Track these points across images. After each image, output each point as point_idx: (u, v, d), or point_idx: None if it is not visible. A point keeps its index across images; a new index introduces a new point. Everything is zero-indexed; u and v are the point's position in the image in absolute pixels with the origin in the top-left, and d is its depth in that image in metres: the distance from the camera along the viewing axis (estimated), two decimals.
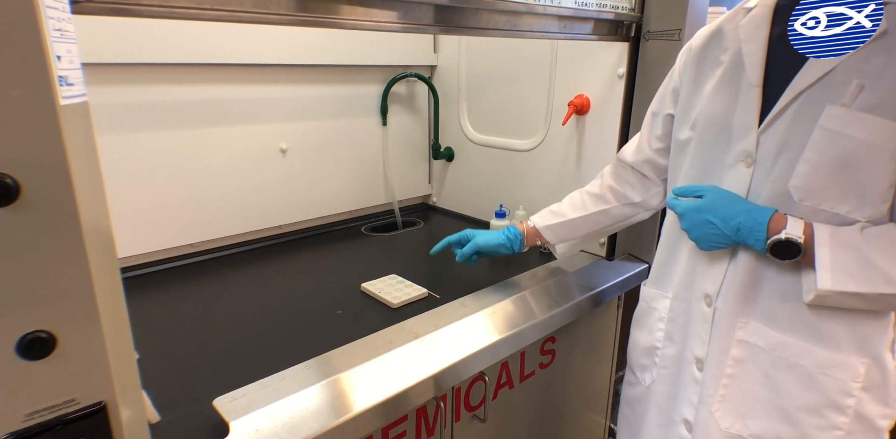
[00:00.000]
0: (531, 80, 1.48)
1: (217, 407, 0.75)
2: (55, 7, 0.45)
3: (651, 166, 1.06)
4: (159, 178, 1.27)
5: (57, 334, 0.49)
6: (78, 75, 0.48)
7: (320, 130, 1.54)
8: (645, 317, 1.02)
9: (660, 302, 0.98)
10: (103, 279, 0.51)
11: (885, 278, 0.69)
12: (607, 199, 1.12)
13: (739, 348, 0.84)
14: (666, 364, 0.96)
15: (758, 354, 0.82)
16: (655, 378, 0.98)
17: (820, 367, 0.77)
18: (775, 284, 0.80)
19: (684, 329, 0.92)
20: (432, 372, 0.88)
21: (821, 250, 0.72)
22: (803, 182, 0.74)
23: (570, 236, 1.17)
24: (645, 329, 1.01)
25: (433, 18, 0.93)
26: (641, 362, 1.02)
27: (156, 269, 1.31)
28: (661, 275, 0.99)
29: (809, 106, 0.73)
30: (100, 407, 0.53)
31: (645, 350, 1.01)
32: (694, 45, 0.93)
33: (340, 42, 1.48)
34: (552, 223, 1.16)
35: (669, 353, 0.95)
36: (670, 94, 0.98)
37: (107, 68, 1.14)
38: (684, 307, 0.92)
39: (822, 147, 0.72)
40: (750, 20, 0.82)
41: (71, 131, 0.46)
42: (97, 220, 0.50)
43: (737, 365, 0.84)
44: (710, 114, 0.86)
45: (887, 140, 0.68)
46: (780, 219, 0.75)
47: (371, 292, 1.16)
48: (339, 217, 1.68)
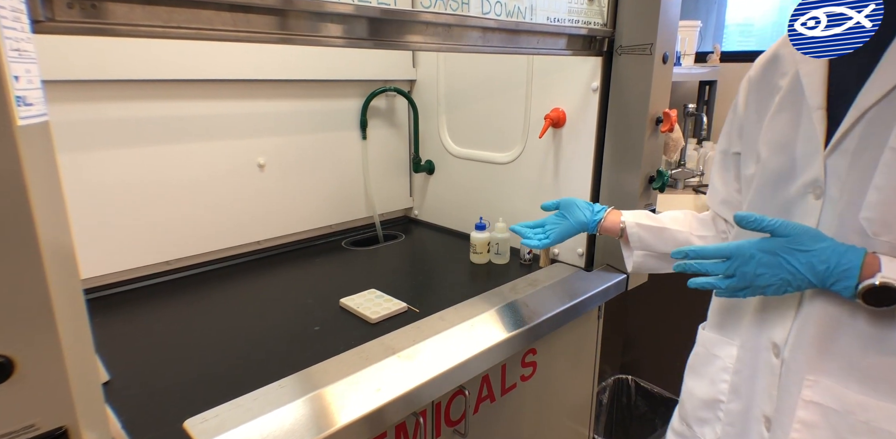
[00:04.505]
0: (508, 93, 1.50)
1: (188, 428, 0.74)
2: (13, 27, 0.45)
3: (730, 208, 0.92)
4: (135, 195, 1.25)
5: (15, 358, 0.48)
6: (38, 95, 0.48)
7: (299, 145, 1.54)
8: (704, 365, 0.89)
9: (723, 349, 0.85)
10: (64, 300, 0.50)
11: None
12: (709, 226, 0.98)
13: (807, 410, 0.71)
14: (731, 420, 0.84)
15: (831, 417, 0.70)
16: (720, 435, 0.86)
17: None
18: (856, 334, 0.68)
19: (751, 382, 0.80)
20: (410, 388, 0.87)
21: None
22: (877, 213, 0.64)
23: (655, 247, 0.99)
24: (706, 379, 0.88)
25: (407, 36, 0.94)
26: (701, 415, 0.89)
27: (131, 288, 1.29)
28: (726, 318, 0.86)
29: (877, 125, 0.64)
30: (61, 432, 0.52)
31: (705, 402, 0.88)
32: (752, 76, 0.84)
33: (319, 57, 1.49)
34: (645, 223, 0.99)
35: (735, 409, 0.83)
36: (735, 130, 0.87)
37: (82, 85, 1.13)
38: (752, 357, 0.80)
39: (893, 171, 0.62)
40: None
41: (29, 151, 0.45)
42: (57, 240, 0.49)
43: (806, 429, 0.72)
44: (771, 144, 0.76)
45: None
46: (873, 261, 0.63)
47: (350, 307, 1.15)
48: (319, 231, 1.68)
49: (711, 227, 0.98)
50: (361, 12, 0.83)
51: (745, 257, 0.70)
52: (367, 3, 0.84)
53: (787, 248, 0.68)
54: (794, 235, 0.68)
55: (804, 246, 0.67)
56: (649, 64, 1.22)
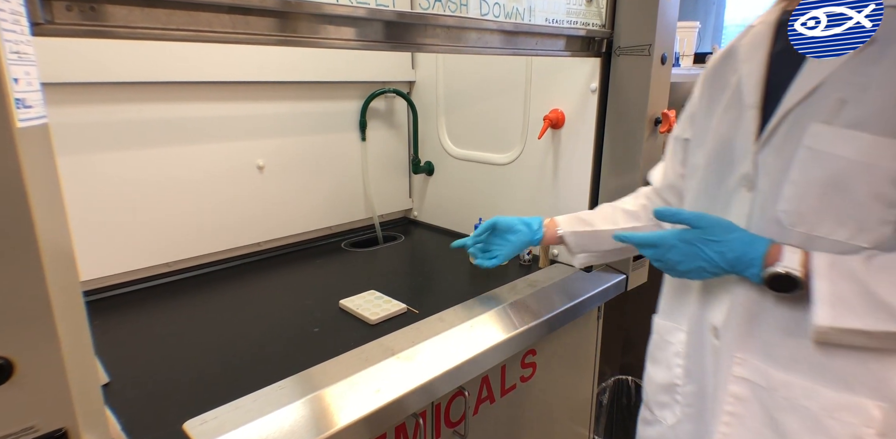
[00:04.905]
0: (507, 94, 1.50)
1: (187, 430, 0.74)
2: (13, 30, 0.45)
3: (674, 192, 0.99)
4: (135, 197, 1.25)
5: (14, 359, 0.48)
6: (37, 97, 0.48)
7: (298, 146, 1.54)
8: (660, 351, 0.94)
9: (674, 335, 0.90)
10: (64, 301, 0.50)
11: (890, 314, 0.62)
12: (639, 217, 1.06)
13: (738, 385, 0.76)
14: (689, 402, 0.87)
15: (758, 393, 0.75)
16: (680, 417, 0.89)
17: (827, 410, 0.69)
18: (777, 317, 0.73)
19: (700, 364, 0.84)
20: (410, 389, 0.87)
21: (818, 282, 0.65)
22: (793, 206, 0.69)
23: (594, 248, 1.09)
24: (662, 364, 0.92)
25: (406, 37, 0.94)
26: (660, 399, 0.93)
27: (132, 289, 1.29)
28: (673, 305, 0.92)
29: (797, 125, 0.69)
30: (60, 433, 0.52)
31: (663, 387, 0.92)
32: (708, 69, 0.88)
33: (318, 59, 1.49)
34: (580, 230, 1.08)
35: (690, 391, 0.86)
36: (688, 119, 0.93)
37: (81, 87, 1.13)
38: (698, 340, 0.84)
39: (807, 167, 0.67)
40: (751, 39, 0.79)
41: (28, 153, 0.45)
42: (57, 242, 0.50)
43: (738, 402, 0.77)
44: (716, 139, 0.81)
45: (878, 157, 0.62)
46: (776, 250, 0.69)
47: (349, 309, 1.15)
48: (319, 233, 1.68)
49: (641, 217, 1.06)
50: (358, 14, 0.83)
51: (668, 246, 0.78)
52: (366, 5, 0.84)
53: (702, 239, 0.75)
54: (707, 227, 0.75)
55: (716, 236, 0.74)
56: (648, 65, 1.22)
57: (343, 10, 0.81)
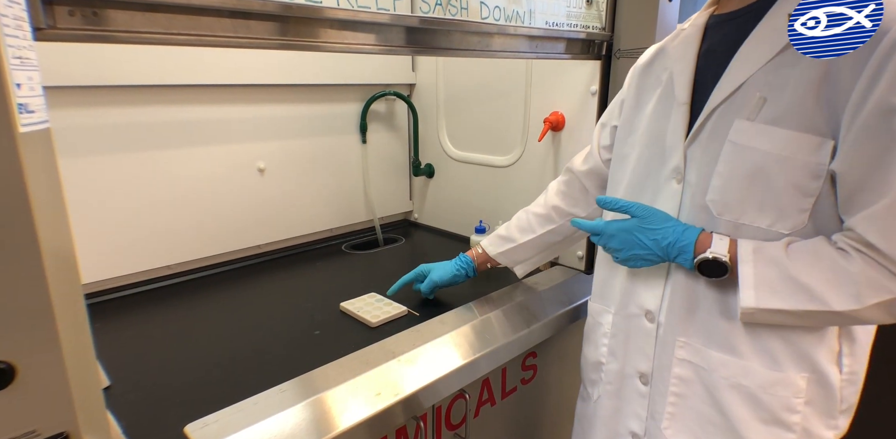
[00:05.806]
0: (508, 97, 1.50)
1: (188, 433, 0.74)
2: (15, 35, 0.45)
3: (596, 177, 1.07)
4: (135, 200, 1.26)
5: (16, 364, 0.48)
6: (40, 102, 0.48)
7: (299, 149, 1.54)
8: (591, 331, 1.02)
9: (603, 317, 0.97)
10: (65, 305, 0.50)
11: (808, 295, 0.68)
12: (552, 219, 1.13)
13: (682, 367, 0.82)
14: (610, 379, 0.95)
15: (700, 373, 0.81)
16: (601, 393, 0.97)
17: (762, 387, 0.75)
18: (712, 302, 0.78)
19: (625, 344, 0.92)
20: (411, 391, 0.87)
21: (743, 266, 0.71)
22: (719, 196, 0.75)
23: (525, 258, 1.20)
24: (592, 344, 1.01)
25: (407, 40, 0.94)
26: (591, 377, 1.01)
27: (132, 292, 1.29)
28: (604, 289, 0.98)
29: (722, 121, 0.75)
30: (62, 437, 0.52)
31: (592, 365, 1.00)
32: (639, 63, 0.95)
33: (318, 62, 1.49)
34: (504, 250, 1.18)
35: (613, 368, 0.94)
36: (618, 106, 0.99)
37: (83, 90, 1.13)
38: (625, 322, 0.92)
39: (732, 160, 0.73)
40: (681, 40, 0.85)
41: (31, 158, 0.45)
42: (59, 246, 0.50)
43: (682, 383, 0.83)
44: (649, 133, 0.87)
45: (794, 151, 0.68)
46: (706, 238, 0.75)
47: (350, 311, 1.15)
48: (320, 235, 1.68)
49: (554, 219, 1.13)
50: (360, 18, 0.84)
51: (609, 235, 0.85)
52: (367, 9, 0.84)
53: (639, 228, 0.81)
54: (644, 216, 0.81)
55: (652, 225, 0.80)
56: None
57: (344, 15, 0.81)
